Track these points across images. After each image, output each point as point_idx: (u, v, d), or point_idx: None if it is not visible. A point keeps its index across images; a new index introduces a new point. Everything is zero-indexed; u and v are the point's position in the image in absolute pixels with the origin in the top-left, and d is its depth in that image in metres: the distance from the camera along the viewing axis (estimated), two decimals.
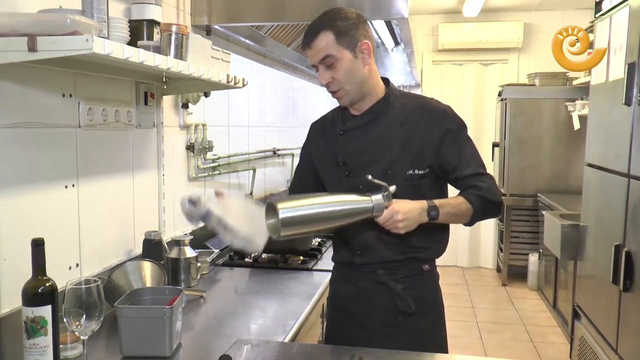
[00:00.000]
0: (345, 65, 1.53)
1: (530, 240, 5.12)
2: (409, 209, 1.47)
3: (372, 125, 1.61)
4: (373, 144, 1.60)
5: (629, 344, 2.37)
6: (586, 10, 4.86)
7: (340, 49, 1.52)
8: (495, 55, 5.74)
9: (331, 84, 1.56)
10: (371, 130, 1.61)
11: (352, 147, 1.62)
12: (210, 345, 1.52)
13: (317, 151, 1.73)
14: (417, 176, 1.57)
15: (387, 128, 1.59)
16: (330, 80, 1.55)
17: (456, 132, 1.60)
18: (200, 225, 2.12)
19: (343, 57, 1.52)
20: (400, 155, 1.57)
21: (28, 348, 1.24)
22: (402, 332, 1.60)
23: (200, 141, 2.47)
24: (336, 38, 1.51)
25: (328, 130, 1.70)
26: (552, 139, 5.03)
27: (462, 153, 1.59)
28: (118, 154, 1.89)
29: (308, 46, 1.54)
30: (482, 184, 1.58)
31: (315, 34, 1.52)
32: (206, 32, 2.39)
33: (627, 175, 2.41)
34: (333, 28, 1.51)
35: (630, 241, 2.36)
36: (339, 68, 1.53)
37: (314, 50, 1.54)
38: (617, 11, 2.55)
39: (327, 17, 1.54)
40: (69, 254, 1.64)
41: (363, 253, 1.62)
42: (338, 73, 1.54)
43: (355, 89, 1.57)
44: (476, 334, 4.09)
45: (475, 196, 1.56)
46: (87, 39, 1.19)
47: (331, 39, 1.51)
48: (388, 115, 1.60)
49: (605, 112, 2.73)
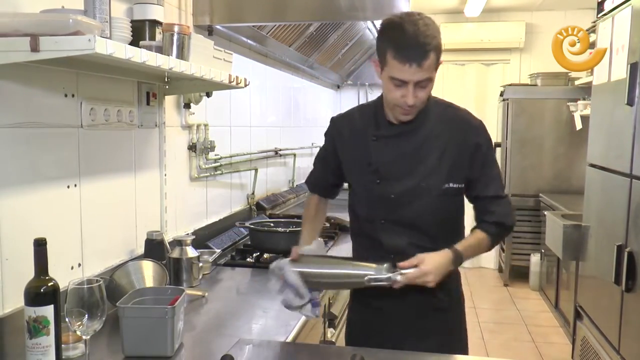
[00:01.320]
0: (432, 86, 1.48)
1: (532, 240, 5.11)
2: (435, 265, 1.47)
3: (408, 135, 1.57)
4: (410, 155, 1.57)
5: (631, 345, 2.36)
6: (588, 10, 4.85)
7: (434, 71, 1.46)
8: (497, 55, 5.74)
9: (415, 104, 1.47)
10: (407, 141, 1.57)
11: (387, 155, 1.59)
12: (212, 345, 1.52)
13: (344, 150, 1.68)
14: (453, 190, 1.58)
15: (423, 140, 1.57)
16: (415, 101, 1.46)
17: (486, 150, 1.59)
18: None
19: (433, 78, 1.47)
20: (436, 169, 1.55)
21: (30, 348, 1.24)
22: (434, 328, 1.63)
23: (202, 141, 2.48)
24: (437, 59, 1.44)
25: (357, 131, 1.64)
26: (554, 139, 5.03)
27: (487, 172, 1.60)
28: (120, 154, 1.90)
29: (418, 64, 1.40)
30: (499, 209, 1.60)
31: (427, 52, 1.40)
32: (208, 32, 2.40)
33: (629, 176, 2.41)
34: (438, 48, 1.42)
35: (632, 241, 2.35)
36: (428, 89, 1.48)
37: (421, 71, 1.42)
38: (620, 11, 2.54)
39: (432, 31, 1.42)
40: (71, 254, 1.65)
41: (396, 257, 1.56)
42: (424, 93, 1.47)
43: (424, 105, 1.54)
44: (478, 334, 4.08)
45: (491, 225, 1.59)
46: (89, 39, 1.19)
47: (434, 59, 1.43)
48: (425, 126, 1.57)
49: (608, 112, 2.73)
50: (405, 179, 1.56)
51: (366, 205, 1.66)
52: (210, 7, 2.34)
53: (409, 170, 1.57)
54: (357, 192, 1.67)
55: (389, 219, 1.61)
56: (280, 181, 3.76)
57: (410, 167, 1.57)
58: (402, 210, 1.59)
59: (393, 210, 1.59)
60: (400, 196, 1.58)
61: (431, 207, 1.57)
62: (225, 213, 2.80)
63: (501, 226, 1.60)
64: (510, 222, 1.62)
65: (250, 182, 3.12)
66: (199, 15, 2.35)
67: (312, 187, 1.85)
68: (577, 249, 3.15)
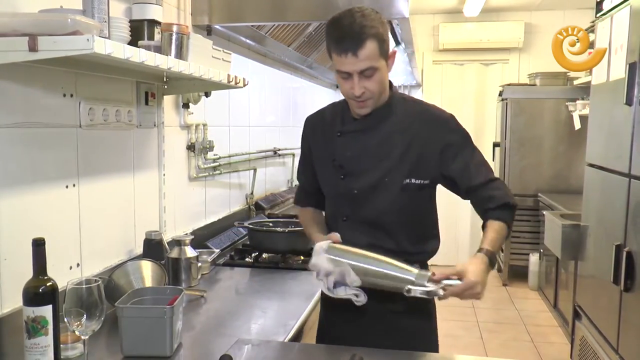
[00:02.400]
0: (381, 76, 1.47)
1: (530, 240, 5.12)
2: (480, 274, 1.40)
3: (372, 130, 1.56)
4: (371, 150, 1.56)
5: (630, 344, 2.37)
6: (587, 10, 4.84)
7: (380, 59, 1.44)
8: (496, 55, 5.74)
9: (364, 94, 1.47)
10: (370, 136, 1.56)
11: (350, 150, 1.58)
12: (211, 345, 1.52)
13: (315, 147, 1.69)
14: (414, 186, 1.55)
15: (387, 134, 1.55)
16: (364, 91, 1.47)
17: (460, 144, 1.56)
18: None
19: (381, 68, 1.45)
20: (399, 163, 1.53)
21: (29, 348, 1.24)
22: (394, 330, 1.59)
23: (200, 141, 2.47)
24: (379, 47, 1.42)
25: (326, 128, 1.65)
26: (552, 138, 5.03)
27: (469, 164, 1.55)
28: (119, 153, 1.90)
29: (354, 54, 1.40)
30: (496, 192, 1.54)
31: (362, 40, 1.40)
32: (207, 32, 2.39)
33: (628, 175, 2.41)
34: (377, 36, 1.41)
35: (631, 241, 2.35)
36: (375, 79, 1.46)
37: (359, 60, 1.41)
38: (618, 11, 2.54)
39: (368, 20, 1.41)
40: (70, 254, 1.64)
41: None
42: (372, 83, 1.46)
43: (380, 97, 1.52)
44: (477, 334, 4.09)
45: (497, 210, 1.53)
46: (88, 39, 1.19)
47: (375, 48, 1.41)
48: (389, 121, 1.56)
49: (606, 112, 2.73)
50: (368, 174, 1.55)
51: (332, 203, 1.66)
52: (209, 6, 2.34)
53: (372, 165, 1.55)
54: (325, 190, 1.67)
55: (351, 217, 1.59)
56: (279, 181, 3.76)
57: (373, 162, 1.55)
58: (365, 207, 1.57)
59: (356, 207, 1.58)
60: (362, 192, 1.56)
61: (393, 204, 1.54)
62: (224, 213, 2.80)
63: (507, 207, 1.53)
64: (513, 200, 1.55)
65: (249, 182, 3.12)
66: (197, 15, 2.35)
67: (303, 203, 1.80)
68: (576, 248, 3.15)
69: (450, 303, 1.59)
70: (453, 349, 3.69)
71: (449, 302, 1.72)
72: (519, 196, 5.06)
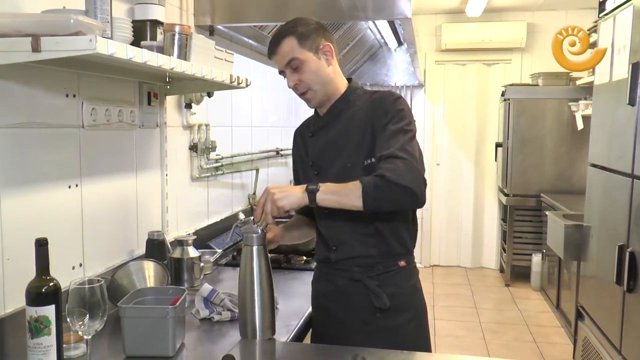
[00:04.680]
0: (310, 67, 1.60)
1: (533, 240, 5.11)
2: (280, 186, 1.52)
3: (333, 123, 1.67)
4: (335, 141, 1.65)
5: (633, 345, 2.36)
6: (590, 10, 4.85)
7: (303, 51, 1.59)
8: (499, 55, 5.73)
9: (299, 86, 1.62)
10: (332, 129, 1.67)
11: (318, 146, 1.69)
12: (213, 345, 1.52)
13: (297, 155, 1.81)
14: (374, 165, 1.53)
15: (346, 124, 1.64)
16: (297, 82, 1.61)
17: (391, 117, 1.54)
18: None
19: (307, 59, 1.59)
20: (357, 147, 1.59)
21: (32, 348, 1.24)
22: (380, 329, 1.60)
23: (203, 141, 2.48)
24: (299, 42, 1.59)
25: (305, 134, 1.78)
26: (555, 139, 5.02)
27: (387, 137, 1.52)
28: (121, 154, 1.90)
29: (273, 53, 1.62)
30: (388, 166, 1.46)
31: (279, 40, 1.60)
32: (209, 32, 2.40)
33: (631, 176, 2.40)
34: (295, 33, 1.60)
35: (634, 241, 2.35)
36: (305, 70, 1.60)
37: (280, 56, 1.61)
38: (621, 11, 2.54)
39: (288, 25, 1.63)
40: (73, 254, 1.65)
41: (338, 248, 1.64)
42: (304, 74, 1.60)
43: (322, 89, 1.63)
44: (479, 334, 4.08)
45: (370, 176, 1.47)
46: (90, 40, 1.19)
47: (294, 43, 1.59)
48: (348, 112, 1.65)
49: (609, 112, 2.72)
50: (334, 164, 1.63)
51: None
52: (211, 7, 2.34)
53: (336, 155, 1.63)
54: None
55: (326, 211, 1.57)
56: (282, 181, 3.76)
57: (337, 152, 1.64)
58: None
59: None
60: (333, 182, 1.53)
61: None
62: (226, 213, 2.80)
63: (381, 179, 1.44)
64: (395, 177, 1.43)
65: (251, 182, 3.13)
66: (200, 15, 2.35)
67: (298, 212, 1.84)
68: (579, 249, 3.15)
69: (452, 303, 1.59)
70: (455, 350, 3.69)
71: (451, 303, 1.71)
72: (521, 196, 5.07)
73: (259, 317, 1.48)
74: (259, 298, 1.48)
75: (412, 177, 1.45)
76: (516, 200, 5.11)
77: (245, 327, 1.50)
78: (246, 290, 1.49)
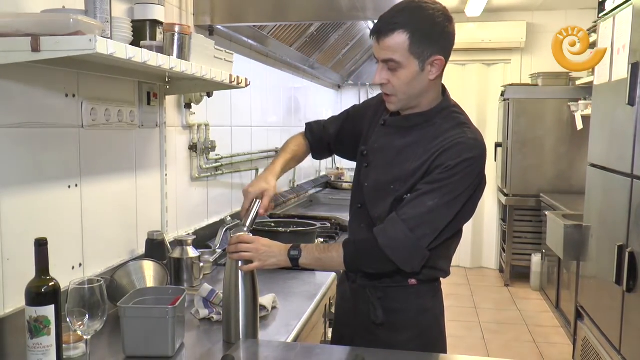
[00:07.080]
0: (407, 75, 1.38)
1: (533, 240, 5.11)
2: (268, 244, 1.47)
3: (404, 132, 1.49)
4: (392, 152, 1.50)
5: (632, 345, 2.36)
6: (589, 10, 4.84)
7: (409, 57, 1.36)
8: (498, 55, 5.74)
9: (385, 87, 1.42)
10: (399, 138, 1.49)
11: (378, 143, 1.54)
12: (213, 346, 1.52)
13: (359, 117, 1.66)
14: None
15: (412, 143, 1.46)
16: (385, 82, 1.41)
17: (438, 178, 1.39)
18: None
19: (408, 67, 1.37)
20: (408, 176, 1.44)
21: (31, 348, 1.24)
22: (379, 341, 1.51)
23: (202, 141, 2.48)
24: (411, 43, 1.34)
25: (379, 113, 1.59)
26: (554, 139, 5.03)
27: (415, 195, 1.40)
28: (121, 154, 1.90)
29: (378, 38, 1.37)
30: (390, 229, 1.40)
31: (390, 30, 1.34)
32: (209, 32, 2.40)
33: (631, 176, 2.40)
34: (411, 30, 1.34)
35: (633, 241, 2.35)
36: (400, 76, 1.39)
37: (382, 48, 1.37)
38: (621, 11, 2.54)
39: (408, 13, 1.35)
40: (72, 254, 1.65)
41: None
42: (396, 80, 1.40)
43: (407, 100, 1.44)
44: (479, 334, 4.08)
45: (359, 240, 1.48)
46: (90, 39, 1.19)
47: (405, 42, 1.34)
48: (421, 130, 1.46)
49: (609, 112, 2.73)
50: (381, 173, 1.50)
51: (354, 186, 1.65)
52: (211, 7, 2.34)
53: (387, 167, 1.50)
54: (356, 168, 1.64)
55: (362, 209, 1.57)
56: (281, 181, 3.75)
57: (389, 165, 1.49)
58: (369, 205, 1.54)
59: (364, 201, 1.56)
60: (370, 189, 1.52)
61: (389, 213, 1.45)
62: (226, 213, 2.80)
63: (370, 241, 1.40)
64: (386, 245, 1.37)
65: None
66: (199, 15, 2.35)
67: (309, 130, 1.80)
68: (578, 249, 3.15)
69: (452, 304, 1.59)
70: (455, 350, 3.68)
71: (449, 303, 1.71)
72: (521, 196, 5.07)
73: (243, 322, 1.47)
74: (243, 303, 1.48)
75: (404, 255, 1.40)
76: (516, 200, 5.11)
77: (229, 333, 1.48)
78: (230, 296, 1.48)
